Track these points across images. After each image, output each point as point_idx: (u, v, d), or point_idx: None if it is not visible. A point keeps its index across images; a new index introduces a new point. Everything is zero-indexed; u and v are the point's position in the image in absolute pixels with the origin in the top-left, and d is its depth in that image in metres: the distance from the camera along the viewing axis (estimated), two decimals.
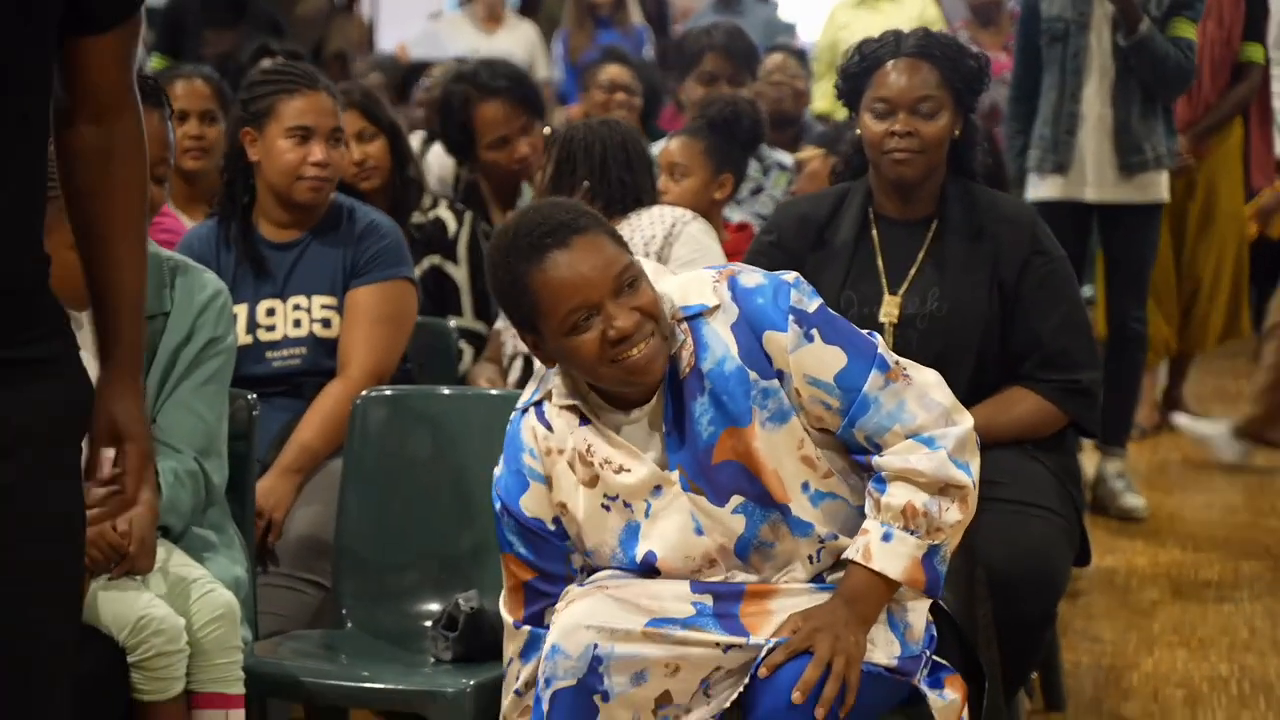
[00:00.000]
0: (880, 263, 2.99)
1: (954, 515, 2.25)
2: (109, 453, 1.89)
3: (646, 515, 2.26)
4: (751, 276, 2.32)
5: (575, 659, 2.21)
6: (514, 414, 2.36)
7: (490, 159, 4.23)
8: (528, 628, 2.37)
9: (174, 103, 3.95)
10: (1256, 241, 6.26)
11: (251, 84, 3.38)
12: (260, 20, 7.00)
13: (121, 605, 2.38)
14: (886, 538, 2.22)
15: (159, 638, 2.35)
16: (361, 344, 3.24)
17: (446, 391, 3.23)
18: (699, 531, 2.26)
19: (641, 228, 3.40)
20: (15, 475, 1.71)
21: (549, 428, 2.29)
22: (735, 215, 4.18)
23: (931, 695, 2.27)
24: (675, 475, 2.25)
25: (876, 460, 2.26)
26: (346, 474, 2.98)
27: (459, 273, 3.90)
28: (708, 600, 2.26)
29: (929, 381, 2.30)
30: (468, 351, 3.75)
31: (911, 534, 2.23)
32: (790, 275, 2.33)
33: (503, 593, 2.42)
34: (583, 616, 2.23)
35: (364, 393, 3.04)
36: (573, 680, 2.20)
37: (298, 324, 3.30)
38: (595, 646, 2.20)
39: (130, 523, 2.23)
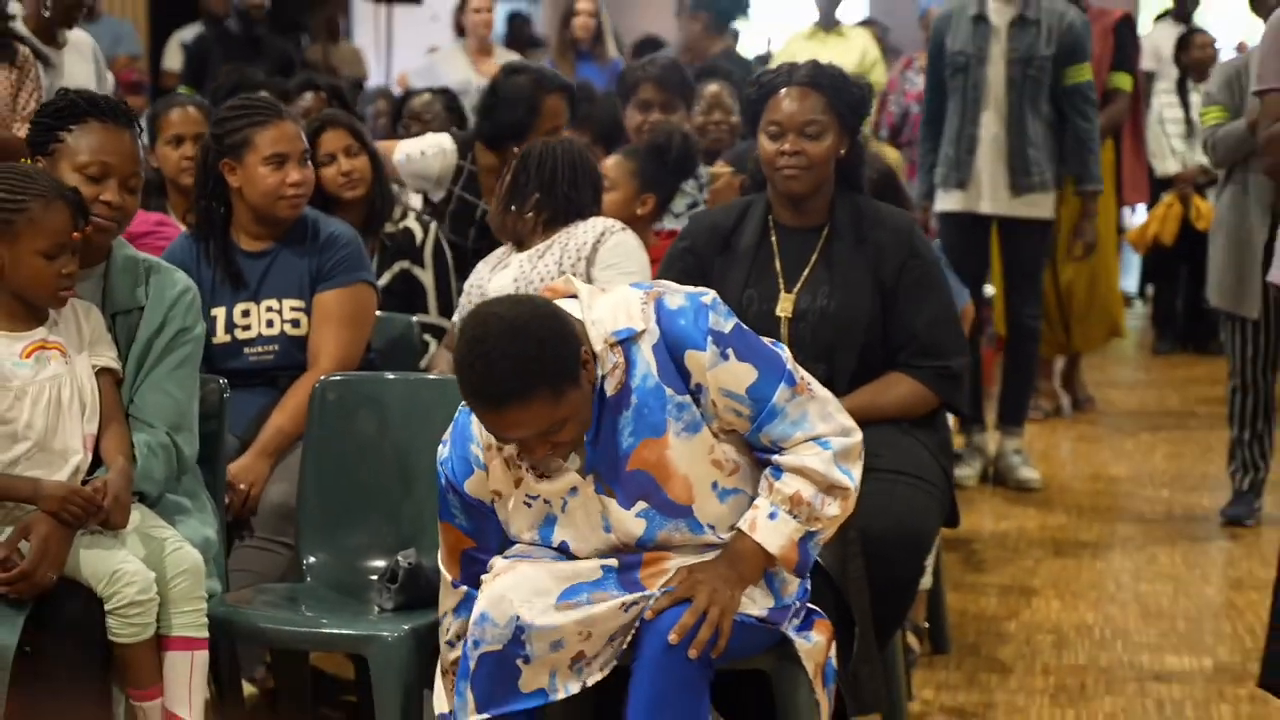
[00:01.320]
0: (778, 265, 3.10)
1: (833, 510, 2.40)
2: None
3: (563, 510, 2.41)
4: (675, 298, 2.40)
5: (501, 627, 2.33)
6: (464, 406, 2.41)
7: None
8: (464, 588, 2.49)
9: (170, 128, 3.99)
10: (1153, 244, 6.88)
11: (222, 120, 3.40)
12: (274, 56, 7.07)
13: (99, 560, 2.50)
14: (772, 516, 2.36)
15: (131, 588, 2.47)
16: (328, 341, 3.36)
17: (391, 377, 3.30)
18: (606, 529, 2.41)
19: (576, 235, 3.50)
20: None
21: None
22: (669, 224, 4.14)
23: (798, 639, 2.42)
24: (590, 480, 2.38)
25: (777, 458, 2.39)
26: (307, 448, 3.11)
27: (425, 276, 4.00)
28: (613, 563, 2.39)
29: (829, 398, 2.44)
30: (433, 344, 3.85)
31: (794, 518, 2.36)
32: (708, 296, 2.41)
33: (440, 553, 2.54)
34: (508, 589, 2.36)
35: (322, 378, 3.15)
36: (498, 645, 2.33)
37: (270, 324, 3.41)
38: (517, 618, 2.32)
39: (105, 482, 2.48)
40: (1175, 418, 6.78)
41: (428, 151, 4.25)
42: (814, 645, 2.44)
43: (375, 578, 2.84)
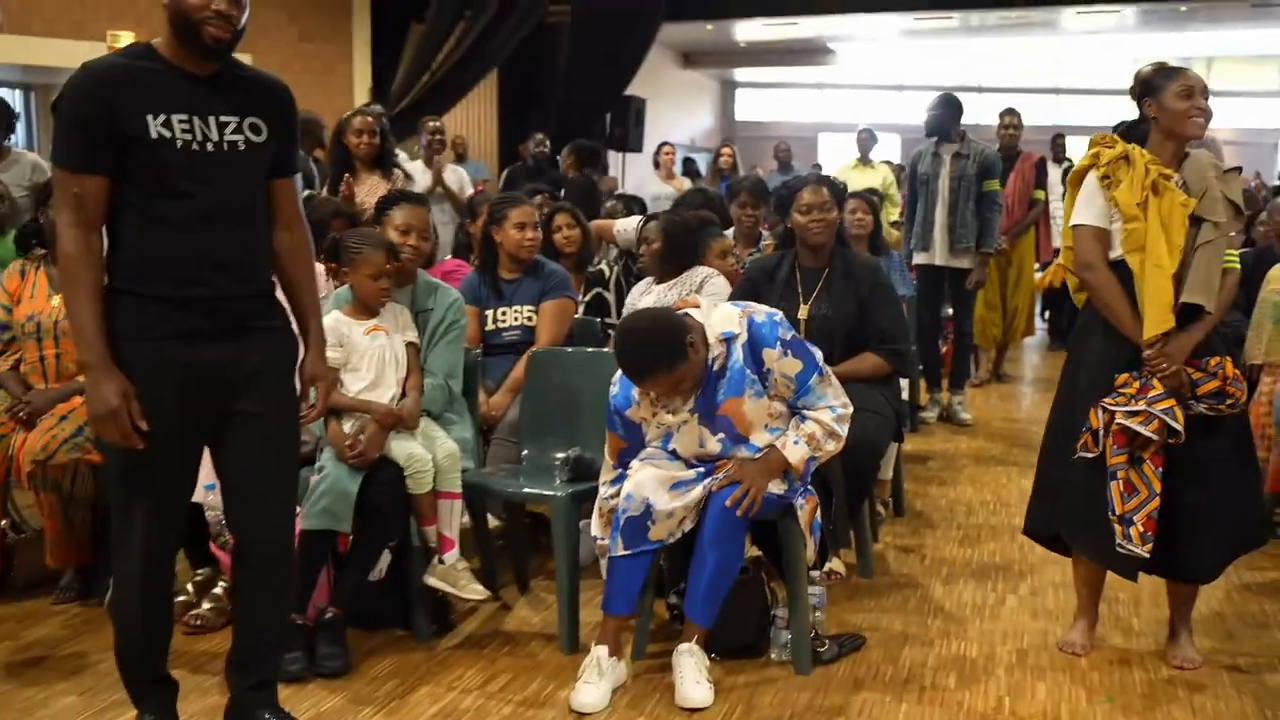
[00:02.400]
0: (799, 289, 4.28)
1: (830, 447, 3.39)
2: (309, 388, 2.95)
3: (678, 431, 3.37)
4: (760, 315, 3.32)
5: (638, 503, 3.31)
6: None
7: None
8: (618, 470, 3.45)
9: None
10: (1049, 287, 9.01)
11: (494, 206, 4.84)
12: (551, 179, 9.00)
13: (401, 447, 3.61)
14: (795, 443, 3.35)
15: (418, 463, 3.57)
16: (546, 330, 4.64)
17: (570, 350, 4.47)
18: (700, 445, 3.37)
19: (693, 276, 4.75)
20: (276, 382, 2.82)
21: None
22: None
23: (797, 503, 3.38)
24: (695, 417, 3.34)
25: (805, 412, 3.38)
26: (526, 390, 4.30)
27: (609, 296, 5.46)
28: (700, 470, 3.36)
29: (838, 385, 3.40)
30: (611, 337, 4.89)
31: (807, 446, 3.35)
32: (779, 316, 3.33)
33: (605, 450, 3.48)
34: (643, 481, 3.30)
35: (533, 350, 4.39)
36: (637, 513, 3.29)
37: (516, 319, 4.70)
38: (648, 500, 3.29)
39: (404, 406, 3.58)
40: (1054, 384, 7.96)
41: (635, 228, 5.74)
42: (805, 510, 3.40)
43: (557, 463, 3.91)
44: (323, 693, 3.41)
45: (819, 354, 3.43)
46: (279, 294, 2.87)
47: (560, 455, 3.91)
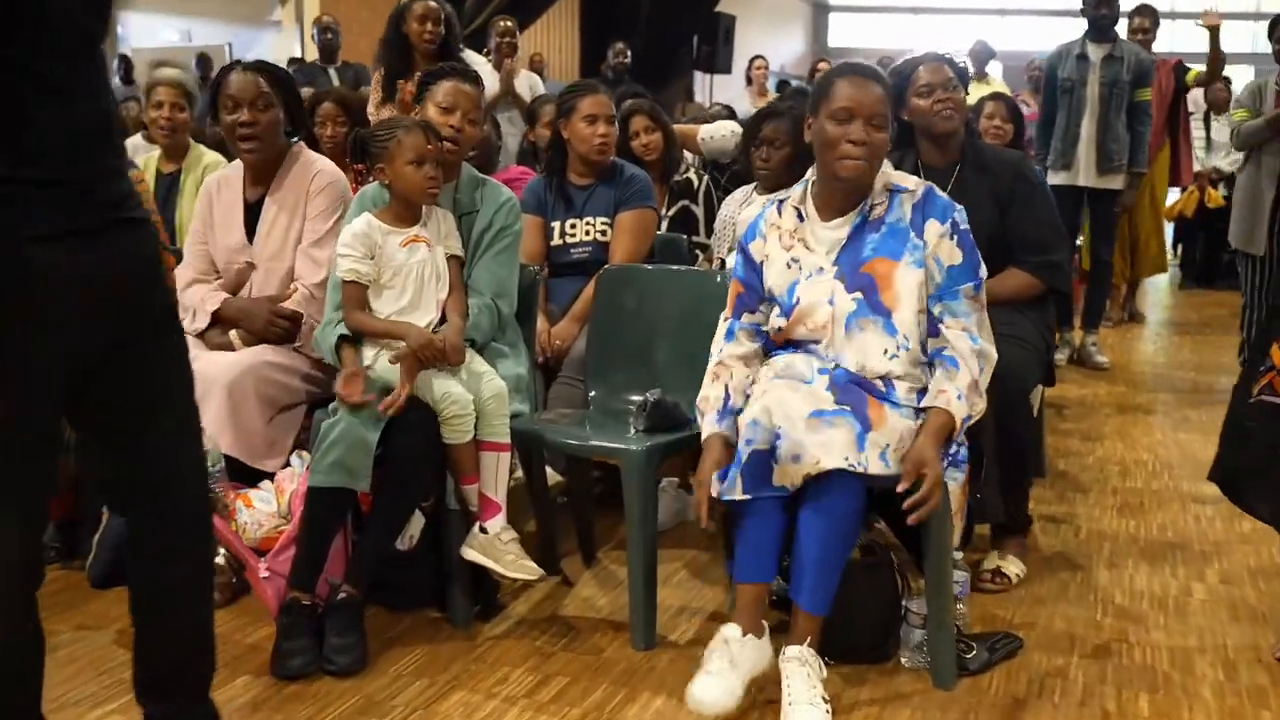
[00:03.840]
0: None
1: (981, 406, 2.64)
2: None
3: (808, 278, 2.71)
4: (941, 194, 2.73)
5: (767, 431, 2.53)
6: (769, 201, 2.83)
7: None
8: (730, 321, 2.82)
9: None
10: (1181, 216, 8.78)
11: (562, 95, 4.04)
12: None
13: (436, 385, 2.85)
14: (959, 397, 2.60)
15: (455, 405, 2.83)
16: (622, 246, 3.84)
17: (649, 268, 3.62)
18: (830, 302, 2.66)
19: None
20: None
21: (780, 213, 2.76)
22: None
23: (949, 479, 2.63)
24: (835, 267, 2.68)
25: (946, 338, 2.64)
26: (594, 317, 3.46)
27: (698, 210, 4.51)
28: (846, 406, 2.57)
29: (988, 323, 2.69)
30: (699, 256, 4.32)
31: (968, 404, 2.61)
32: (961, 208, 2.72)
33: (727, 308, 2.84)
34: (773, 405, 2.55)
35: (605, 267, 3.54)
36: (765, 446, 2.52)
37: (588, 233, 3.89)
38: (778, 429, 2.53)
39: (444, 337, 2.83)
40: (1194, 327, 7.80)
41: (725, 134, 5.03)
42: (958, 483, 2.67)
43: (633, 408, 3.11)
44: (327, 696, 2.65)
45: (984, 271, 2.73)
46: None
47: (636, 398, 3.15)
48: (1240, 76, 10.52)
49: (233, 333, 3.35)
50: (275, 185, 3.43)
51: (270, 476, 3.13)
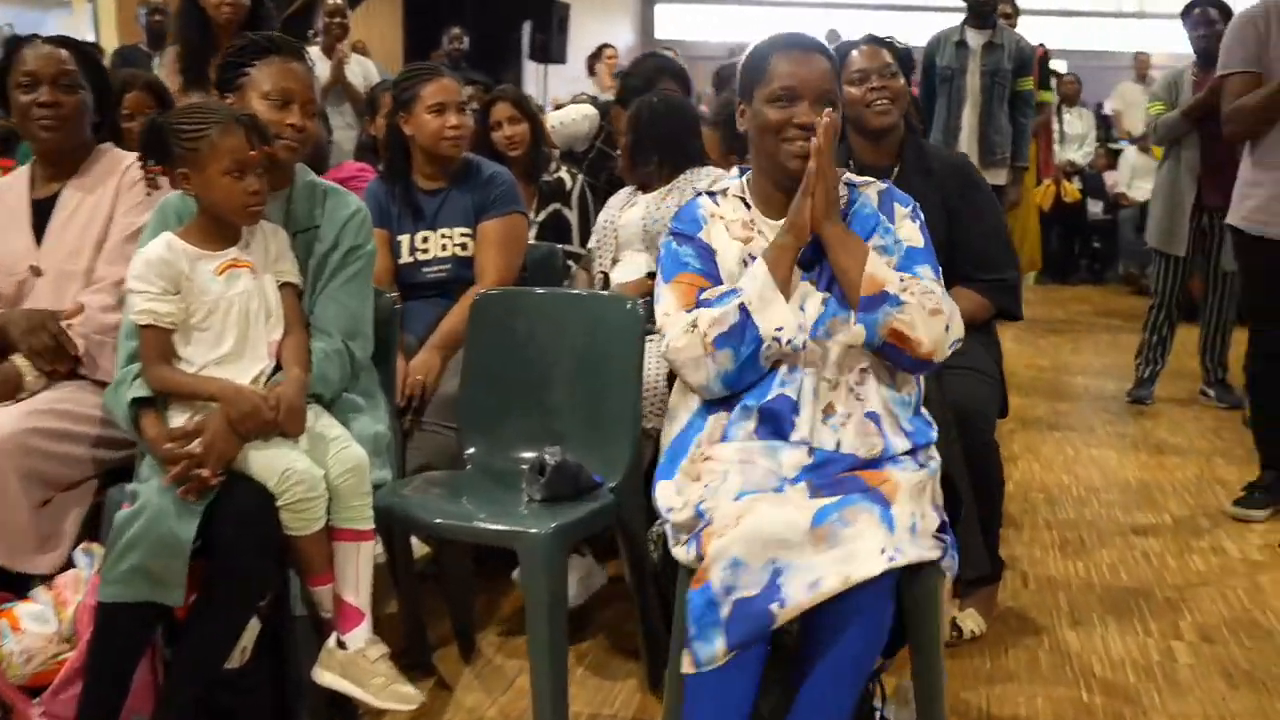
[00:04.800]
0: None
1: (921, 329, 2.06)
2: None
3: None
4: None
5: (758, 571, 1.87)
6: (695, 197, 2.25)
7: None
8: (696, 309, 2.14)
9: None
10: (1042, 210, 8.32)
11: (398, 83, 3.31)
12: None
13: (271, 460, 2.15)
14: (895, 281, 2.08)
15: (300, 486, 2.14)
16: (490, 261, 3.19)
17: (540, 291, 2.92)
18: (801, 305, 2.10)
19: (695, 181, 3.32)
20: None
21: (716, 202, 2.22)
22: None
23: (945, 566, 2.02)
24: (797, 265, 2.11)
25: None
26: (468, 351, 2.76)
27: (571, 215, 3.87)
28: (850, 493, 1.96)
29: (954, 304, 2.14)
30: (574, 267, 3.66)
31: (901, 286, 2.07)
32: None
33: (668, 305, 2.17)
34: (759, 529, 1.88)
35: (483, 290, 2.84)
36: (754, 591, 1.86)
37: (444, 247, 3.21)
38: (774, 562, 1.88)
39: (278, 397, 2.13)
40: (1062, 325, 7.44)
41: (577, 118, 4.27)
42: (952, 569, 2.06)
43: (526, 468, 2.47)
44: None
45: (939, 270, 2.19)
46: None
47: (528, 455, 2.55)
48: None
49: (16, 358, 2.51)
50: (77, 177, 2.68)
51: (47, 581, 2.34)
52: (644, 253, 3.30)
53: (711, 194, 2.24)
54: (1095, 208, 9.07)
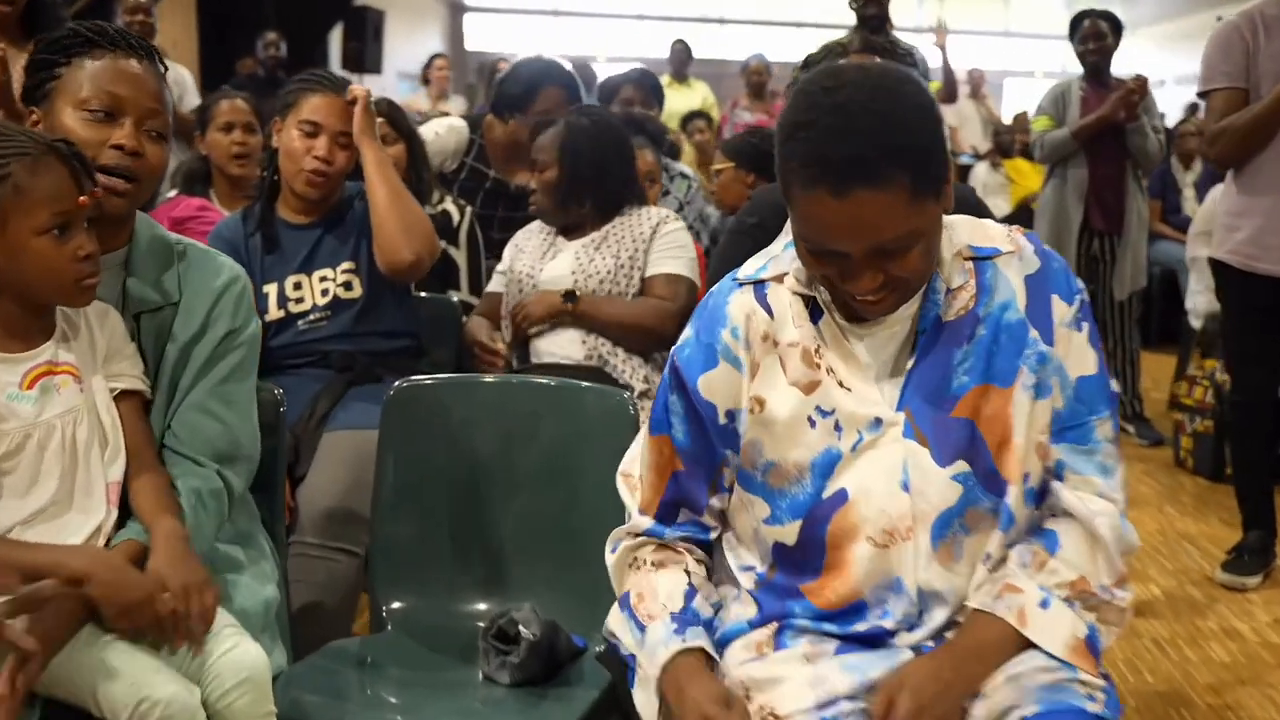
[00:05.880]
0: None
1: (1121, 599, 1.41)
2: None
3: (853, 449, 1.38)
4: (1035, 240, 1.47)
5: None
6: (724, 283, 1.47)
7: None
8: (649, 527, 1.50)
9: (221, 116, 3.12)
10: None
11: (290, 83, 2.62)
12: None
13: (118, 685, 1.41)
14: (1044, 603, 1.37)
15: (170, 712, 1.41)
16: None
17: (489, 381, 2.18)
18: (905, 486, 1.37)
19: (634, 224, 2.74)
20: None
21: (769, 311, 1.42)
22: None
23: None
24: (901, 416, 1.39)
25: (1062, 489, 1.41)
26: (381, 463, 2.03)
27: (460, 256, 3.19)
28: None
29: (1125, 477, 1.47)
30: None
31: (1071, 606, 1.39)
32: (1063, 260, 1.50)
33: (640, 471, 1.53)
34: None
35: (397, 383, 2.07)
36: None
37: (325, 291, 2.48)
38: None
39: (183, 581, 1.45)
40: None
41: (441, 132, 3.55)
42: None
43: (482, 637, 1.75)
44: None
45: (1115, 402, 1.49)
46: None
47: (477, 610, 1.93)
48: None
49: None
50: None
51: None
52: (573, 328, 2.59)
53: (758, 284, 1.45)
54: None
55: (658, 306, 2.62)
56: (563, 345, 2.62)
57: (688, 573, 1.46)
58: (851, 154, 1.24)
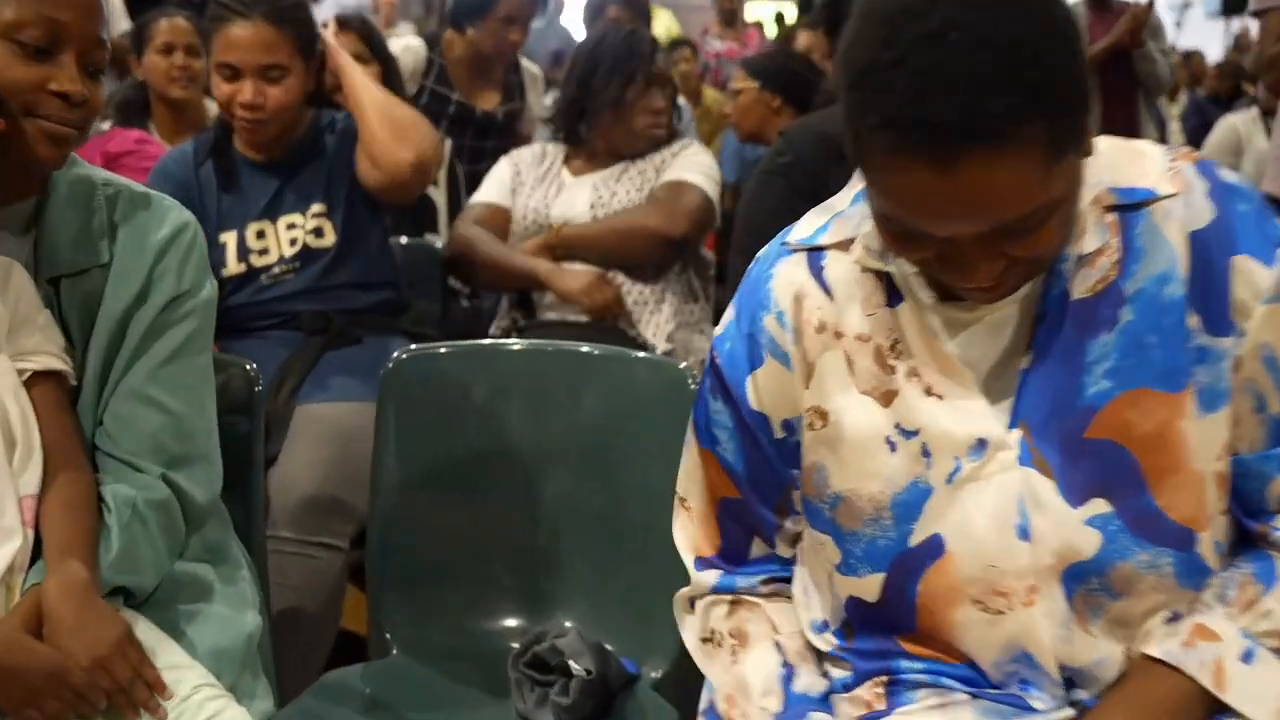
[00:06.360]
0: None
1: None
2: None
3: (949, 481, 1.00)
4: (1227, 170, 1.02)
5: None
6: (771, 247, 1.10)
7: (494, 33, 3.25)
8: (707, 576, 1.15)
9: (159, 36, 2.69)
10: None
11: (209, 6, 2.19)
12: None
13: None
14: (1248, 654, 0.99)
15: None
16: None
17: (516, 347, 1.76)
18: (1024, 534, 0.99)
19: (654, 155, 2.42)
20: None
21: (828, 291, 1.05)
22: None
23: None
24: (1016, 436, 1.00)
25: (1273, 528, 1.02)
26: (379, 450, 1.67)
27: (439, 195, 2.89)
28: None
29: None
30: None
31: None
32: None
33: (685, 489, 1.17)
34: None
35: (396, 354, 1.70)
36: None
37: (294, 240, 2.12)
38: None
39: (105, 649, 1.14)
40: None
41: (399, 52, 3.20)
42: None
43: (515, 669, 1.42)
44: None
45: None
46: None
47: (505, 627, 1.62)
48: None
49: None
50: None
51: None
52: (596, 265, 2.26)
53: (814, 251, 1.07)
54: None
55: (659, 206, 2.28)
56: None
57: (778, 646, 1.10)
58: (960, 108, 0.84)
